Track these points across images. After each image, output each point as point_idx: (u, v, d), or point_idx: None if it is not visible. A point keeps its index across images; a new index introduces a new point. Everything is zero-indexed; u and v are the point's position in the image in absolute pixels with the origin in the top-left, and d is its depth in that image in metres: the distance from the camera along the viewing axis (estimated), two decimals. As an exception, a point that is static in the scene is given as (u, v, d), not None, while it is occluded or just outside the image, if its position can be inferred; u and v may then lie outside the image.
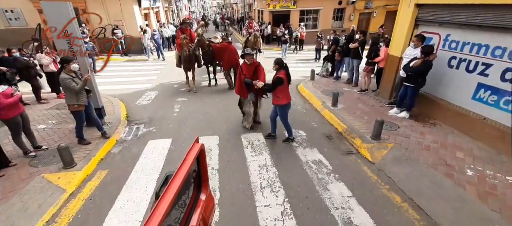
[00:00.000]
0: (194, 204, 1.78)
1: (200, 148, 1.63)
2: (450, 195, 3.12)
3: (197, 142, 1.65)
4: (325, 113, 5.87)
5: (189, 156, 1.51)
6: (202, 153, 1.73)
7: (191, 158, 1.49)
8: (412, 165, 3.75)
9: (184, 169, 1.36)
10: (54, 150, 4.28)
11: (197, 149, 1.60)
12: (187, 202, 1.66)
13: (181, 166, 1.38)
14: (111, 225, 2.92)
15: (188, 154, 1.53)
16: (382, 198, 3.25)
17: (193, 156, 1.52)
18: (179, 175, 1.30)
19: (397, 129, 4.84)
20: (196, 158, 1.58)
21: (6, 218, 2.91)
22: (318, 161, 4.09)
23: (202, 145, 1.67)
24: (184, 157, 1.48)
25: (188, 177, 1.41)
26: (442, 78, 4.92)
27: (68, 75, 3.93)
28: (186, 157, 1.48)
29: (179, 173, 1.31)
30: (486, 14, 3.99)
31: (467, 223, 2.70)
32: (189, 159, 1.48)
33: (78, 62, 4.42)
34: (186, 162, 1.43)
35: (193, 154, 1.54)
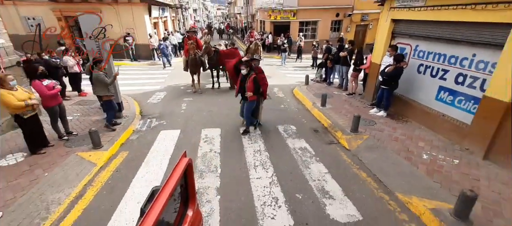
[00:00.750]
0: (181, 220, 1.69)
1: (187, 162, 1.54)
2: (405, 172, 3.89)
3: (184, 156, 1.56)
4: (314, 112, 6.68)
5: (176, 170, 1.42)
6: (190, 167, 1.62)
7: (178, 172, 1.40)
8: (381, 151, 4.52)
9: (171, 184, 1.28)
10: (82, 135, 5.14)
11: (185, 163, 1.51)
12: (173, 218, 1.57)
13: (168, 181, 1.29)
14: (135, 188, 3.71)
15: (175, 168, 1.44)
16: (352, 174, 4.03)
17: (180, 170, 1.44)
18: (165, 191, 1.22)
19: (374, 125, 5.63)
20: (183, 172, 1.48)
21: (53, 182, 3.71)
22: (303, 148, 4.88)
23: (190, 159, 1.57)
24: (171, 171, 1.39)
25: (175, 192, 1.32)
26: (413, 82, 5.74)
27: (102, 72, 4.82)
28: (173, 172, 1.39)
29: (165, 188, 1.24)
30: (444, 29, 4.84)
31: (413, 190, 3.46)
32: (176, 173, 1.39)
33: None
34: (173, 177, 1.34)
35: (181, 169, 1.45)
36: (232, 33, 31.55)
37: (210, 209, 3.29)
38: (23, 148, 4.56)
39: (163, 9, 18.57)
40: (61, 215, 3.18)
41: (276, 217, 3.16)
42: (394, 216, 3.17)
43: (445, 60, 4.93)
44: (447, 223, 2.85)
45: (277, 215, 3.19)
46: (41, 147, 4.52)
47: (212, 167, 4.24)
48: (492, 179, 3.66)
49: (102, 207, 3.36)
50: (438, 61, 5.09)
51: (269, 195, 3.56)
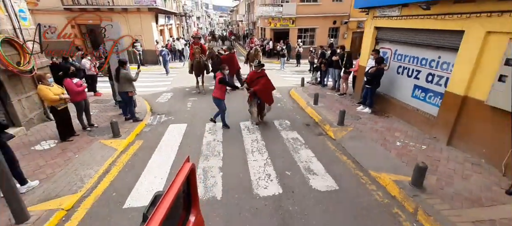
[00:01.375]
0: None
1: (190, 167, 1.55)
2: (379, 155, 4.59)
3: (187, 161, 1.57)
4: (308, 109, 7.41)
5: (179, 175, 1.43)
6: (193, 173, 1.63)
7: (181, 177, 1.41)
8: (361, 140, 5.22)
9: (174, 189, 1.28)
10: (102, 127, 5.91)
11: (188, 169, 1.52)
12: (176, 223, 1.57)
13: (171, 186, 1.30)
14: (151, 167, 4.44)
15: (179, 173, 1.44)
16: (334, 158, 4.73)
17: (183, 175, 1.44)
18: (168, 196, 1.22)
19: (358, 119, 6.34)
20: (186, 178, 1.49)
21: (82, 162, 4.45)
22: (295, 138, 5.59)
23: (193, 164, 1.58)
24: (174, 177, 1.40)
25: (177, 198, 1.33)
26: (393, 82, 6.47)
27: (126, 71, 5.63)
28: (176, 177, 1.40)
29: (168, 194, 1.24)
30: (416, 35, 5.60)
31: (383, 168, 4.15)
32: (179, 179, 1.40)
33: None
34: (176, 182, 1.35)
35: (184, 174, 1.46)
36: (234, 39, 32.59)
37: (214, 182, 4.00)
38: (53, 136, 5.33)
39: (169, 17, 19.61)
40: (93, 185, 3.91)
41: (268, 187, 3.87)
42: (365, 187, 3.86)
43: (418, 62, 5.67)
44: (405, 190, 3.53)
45: (269, 186, 3.89)
46: (69, 135, 5.28)
47: (215, 152, 4.97)
48: (451, 160, 4.35)
49: (126, 180, 4.08)
50: (413, 63, 5.83)
51: (263, 172, 4.27)
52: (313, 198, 3.62)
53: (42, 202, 3.39)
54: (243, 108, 6.87)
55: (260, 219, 3.24)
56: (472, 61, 4.18)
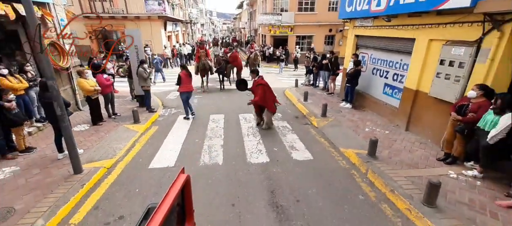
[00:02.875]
0: None
1: (185, 179, 1.49)
2: (350, 137, 5.69)
3: (182, 173, 1.51)
4: (298, 105, 8.55)
5: (174, 187, 1.36)
6: (188, 184, 1.59)
7: (175, 189, 1.34)
8: (338, 128, 6.33)
9: (167, 202, 1.22)
10: (123, 116, 7.09)
11: (183, 180, 1.46)
12: None
13: (165, 199, 1.23)
14: (166, 143, 5.58)
15: (173, 185, 1.37)
16: (314, 140, 5.84)
17: (177, 187, 1.37)
18: (162, 208, 1.17)
19: (339, 112, 7.46)
20: (181, 190, 1.42)
21: (111, 141, 5.60)
22: (284, 126, 6.72)
23: (188, 176, 1.52)
24: (168, 189, 1.33)
25: (171, 211, 1.26)
26: (370, 82, 7.60)
27: (144, 69, 6.84)
28: (170, 189, 1.33)
29: (162, 206, 1.18)
30: (385, 42, 6.76)
31: (350, 146, 5.24)
32: (173, 191, 1.33)
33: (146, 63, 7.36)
34: (170, 194, 1.28)
35: (178, 185, 1.39)
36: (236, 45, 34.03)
37: (217, 154, 5.13)
38: (86, 121, 6.53)
39: (176, 24, 21.04)
40: (123, 154, 5.05)
41: (259, 158, 4.98)
42: (334, 158, 4.96)
43: (387, 64, 6.81)
44: (362, 158, 4.63)
45: (259, 157, 5.00)
46: (99, 120, 6.47)
47: (217, 135, 6.10)
48: (404, 140, 5.44)
49: (148, 151, 5.23)
50: (383, 65, 6.97)
51: (255, 148, 5.39)
52: (293, 164, 4.73)
53: (88, 163, 4.54)
54: (243, 103, 8.04)
55: (251, 176, 4.36)
56: (421, 62, 5.32)
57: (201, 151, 5.23)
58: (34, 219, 3.14)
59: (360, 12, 7.25)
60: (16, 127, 4.66)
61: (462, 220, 3.11)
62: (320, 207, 3.55)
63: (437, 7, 4.46)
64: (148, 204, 1.47)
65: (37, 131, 5.88)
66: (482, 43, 4.04)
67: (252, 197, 3.77)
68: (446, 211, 3.26)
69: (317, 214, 3.42)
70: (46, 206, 3.37)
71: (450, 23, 4.54)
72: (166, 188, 3.45)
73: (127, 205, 3.59)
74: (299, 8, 20.06)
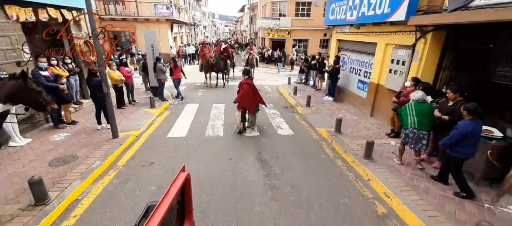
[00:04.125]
0: None
1: (186, 177, 1.50)
2: (325, 121, 7.11)
3: (183, 171, 1.52)
4: (288, 98, 9.98)
5: (174, 186, 1.37)
6: (188, 183, 1.59)
7: (175, 188, 1.36)
8: (318, 114, 7.75)
9: (167, 200, 1.24)
10: (141, 103, 8.51)
11: (183, 178, 1.47)
12: None
13: (165, 197, 1.25)
14: (179, 122, 7.00)
15: (173, 183, 1.38)
16: (297, 122, 7.26)
17: (177, 186, 1.39)
18: (161, 207, 1.18)
19: (322, 104, 8.90)
20: (181, 188, 1.44)
21: (134, 119, 7.03)
22: (275, 113, 8.14)
23: (188, 174, 1.54)
24: (168, 187, 1.34)
25: (171, 209, 1.27)
26: (348, 79, 9.04)
27: (162, 64, 8.32)
28: (170, 187, 1.34)
29: (162, 205, 1.20)
30: (358, 46, 8.20)
31: (323, 126, 6.66)
32: (173, 189, 1.34)
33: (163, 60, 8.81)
34: (170, 193, 1.30)
35: (178, 184, 1.40)
36: (237, 47, 35.57)
37: (218, 130, 6.55)
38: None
39: (181, 26, 22.56)
40: (145, 128, 6.47)
41: (251, 133, 6.38)
42: (309, 134, 6.38)
43: (360, 64, 8.26)
44: (330, 133, 6.05)
45: (252, 133, 6.41)
46: (122, 105, 7.91)
47: (219, 118, 7.53)
48: (367, 123, 6.86)
49: (164, 127, 6.66)
50: (357, 65, 8.42)
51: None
52: (277, 137, 6.15)
53: (121, 132, 5.95)
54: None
55: (244, 143, 5.78)
56: (380, 61, 6.76)
57: (206, 127, 6.66)
58: (93, 160, 4.57)
59: (339, 20, 8.72)
60: (65, 104, 6.10)
61: (387, 167, 4.53)
62: (292, 161, 4.96)
63: (387, 19, 5.91)
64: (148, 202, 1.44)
65: (75, 111, 7.31)
66: (415, 47, 5.48)
67: (244, 155, 5.18)
68: (378, 162, 4.67)
69: (290, 164, 4.84)
70: (99, 155, 4.80)
71: (397, 31, 5.99)
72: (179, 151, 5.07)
73: (155, 157, 5.01)
74: (296, 13, 21.58)
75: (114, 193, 3.85)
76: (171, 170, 4.52)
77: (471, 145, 3.47)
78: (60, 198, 3.52)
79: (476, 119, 3.42)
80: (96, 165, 4.44)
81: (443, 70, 5.28)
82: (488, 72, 4.30)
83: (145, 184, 4.10)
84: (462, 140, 3.45)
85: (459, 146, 3.53)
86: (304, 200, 3.77)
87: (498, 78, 4.13)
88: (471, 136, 3.41)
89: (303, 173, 4.53)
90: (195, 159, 4.97)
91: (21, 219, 3.10)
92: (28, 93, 3.10)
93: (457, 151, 3.57)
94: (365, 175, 4.41)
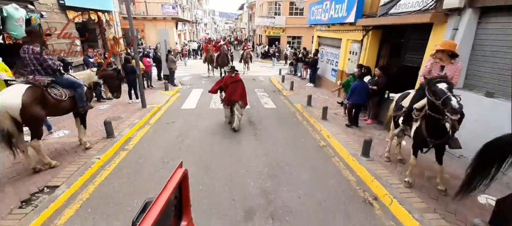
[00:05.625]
0: None
1: (183, 173, 1.50)
2: (302, 99, 9.13)
3: (180, 167, 1.51)
4: (277, 84, 12.02)
5: (171, 182, 1.37)
6: (185, 179, 1.58)
7: (172, 184, 1.36)
8: (298, 95, 9.79)
9: (164, 196, 1.24)
10: (156, 88, 10.58)
11: (180, 174, 1.46)
12: None
13: (162, 193, 1.26)
14: (188, 101, 9.06)
15: (170, 179, 1.38)
16: (281, 101, 9.31)
17: (175, 182, 1.39)
18: (158, 202, 1.19)
19: (304, 88, 10.94)
20: (178, 184, 1.44)
21: (154, 97, 9.08)
22: (263, 94, 10.19)
23: (186, 170, 1.54)
24: (166, 182, 1.34)
25: (168, 205, 1.28)
26: (325, 68, 11.07)
27: (172, 56, 10.35)
28: (167, 183, 1.34)
29: (159, 200, 1.20)
30: (331, 41, 10.21)
31: (300, 102, 8.70)
32: (171, 185, 1.35)
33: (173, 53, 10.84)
34: (167, 188, 1.31)
35: (175, 180, 1.40)
36: (237, 44, 37.51)
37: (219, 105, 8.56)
38: (134, 88, 10.04)
39: (184, 24, 24.53)
40: (164, 103, 8.53)
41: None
42: (288, 108, 8.44)
43: (332, 56, 10.29)
44: (303, 106, 8.10)
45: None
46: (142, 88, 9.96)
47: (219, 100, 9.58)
48: (332, 100, 8.90)
49: (177, 103, 8.73)
50: (331, 57, 10.45)
51: (243, 103, 8.86)
52: (263, 109, 8.21)
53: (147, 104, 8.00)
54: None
55: (238, 112, 7.83)
56: (343, 53, 8.78)
57: (210, 103, 8.72)
58: (133, 119, 6.63)
59: (318, 20, 10.73)
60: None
61: (335, 123, 6.57)
62: (272, 122, 7.02)
63: (345, 21, 7.93)
64: (145, 199, 1.42)
65: (107, 92, 9.37)
66: (363, 41, 7.50)
67: (238, 119, 7.23)
68: (330, 121, 6.73)
69: (270, 123, 6.89)
70: (136, 116, 6.86)
71: (353, 30, 8.00)
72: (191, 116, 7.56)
73: (175, 118, 7.07)
74: (290, 12, 23.52)
75: (151, 135, 5.93)
76: (187, 125, 6.59)
77: (357, 95, 5.94)
78: (120, 135, 5.58)
79: (362, 81, 5.82)
80: (136, 121, 6.50)
81: (381, 58, 7.31)
82: (402, 58, 6.32)
83: (170, 132, 6.16)
84: (352, 93, 5.94)
85: (352, 96, 5.93)
86: (276, 141, 5.81)
87: (406, 62, 6.16)
88: (357, 89, 5.88)
89: (277, 128, 6.58)
90: (203, 119, 7.04)
91: (102, 143, 5.17)
92: (115, 79, 5.25)
93: (352, 99, 5.97)
94: (319, 128, 6.46)
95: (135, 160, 4.77)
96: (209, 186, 3.97)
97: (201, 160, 4.79)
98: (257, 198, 3.72)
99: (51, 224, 3.15)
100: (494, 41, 4.11)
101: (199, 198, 3.63)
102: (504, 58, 3.98)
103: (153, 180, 4.10)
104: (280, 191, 3.90)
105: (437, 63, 3.45)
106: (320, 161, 4.92)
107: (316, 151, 5.35)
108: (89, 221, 3.21)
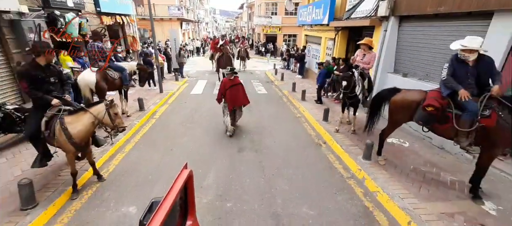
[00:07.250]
0: None
1: (188, 174, 1.55)
2: (289, 87, 11.07)
3: (185, 168, 1.57)
4: (271, 77, 13.95)
5: (177, 182, 1.42)
6: (190, 179, 1.64)
7: (179, 184, 1.41)
8: (286, 84, 11.69)
9: (171, 197, 1.28)
10: (167, 79, 12.55)
11: (186, 175, 1.52)
12: None
13: (169, 193, 1.30)
14: (195, 88, 11.02)
15: (176, 180, 1.43)
16: (271, 89, 11.26)
17: (181, 182, 1.44)
18: (166, 203, 1.23)
19: (292, 79, 12.85)
20: (184, 184, 1.49)
21: (168, 86, 11.04)
22: (259, 84, 12.12)
23: (191, 171, 1.60)
24: (172, 183, 1.40)
25: (175, 205, 1.33)
26: (311, 62, 12.99)
27: (182, 53, 12.32)
28: (173, 184, 1.40)
29: (166, 201, 1.24)
30: (315, 39, 12.11)
31: (288, 89, 10.63)
32: (177, 185, 1.40)
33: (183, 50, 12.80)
34: (173, 189, 1.35)
35: (181, 180, 1.46)
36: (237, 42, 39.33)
37: (221, 92, 10.55)
38: (150, 79, 12.02)
39: (188, 24, 26.44)
40: (176, 90, 10.49)
41: (241, 93, 10.41)
42: (277, 93, 10.37)
43: (316, 51, 12.20)
44: (290, 92, 10.04)
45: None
46: (157, 79, 11.96)
47: (221, 86, 11.54)
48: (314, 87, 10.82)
49: (187, 90, 10.70)
50: (315, 52, 12.36)
51: (240, 90, 10.82)
52: (256, 94, 10.15)
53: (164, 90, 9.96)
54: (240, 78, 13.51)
55: (236, 97, 9.80)
56: (323, 48, 10.69)
57: (213, 90, 10.67)
58: (155, 100, 8.60)
59: (304, 21, 12.64)
60: (129, 75, 10.16)
61: (311, 103, 8.51)
62: (262, 102, 8.96)
63: (322, 22, 9.84)
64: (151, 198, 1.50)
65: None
66: (335, 39, 9.41)
67: (236, 101, 9.19)
68: (307, 101, 8.66)
69: (261, 103, 8.83)
70: (157, 98, 8.84)
71: (328, 30, 9.91)
72: (198, 99, 10.40)
73: (187, 100, 9.06)
74: (286, 13, 25.32)
75: (171, 110, 7.91)
76: (195, 104, 8.56)
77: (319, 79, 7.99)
78: (148, 110, 7.56)
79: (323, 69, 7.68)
80: (157, 101, 8.48)
81: (349, 52, 9.23)
82: (361, 52, 8.23)
83: (184, 108, 8.13)
84: (319, 76, 7.85)
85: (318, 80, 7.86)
86: (264, 114, 7.76)
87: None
88: (321, 75, 7.90)
89: (267, 107, 8.53)
90: (208, 101, 9.00)
91: (135, 114, 7.14)
92: (146, 73, 7.26)
93: (318, 81, 7.96)
94: (297, 105, 8.41)
95: (163, 123, 6.76)
96: (216, 135, 5.95)
97: (210, 123, 6.76)
98: (247, 142, 5.70)
99: (128, 143, 5.20)
100: (409, 39, 6.02)
101: (209, 141, 5.62)
102: (414, 51, 5.89)
103: (176, 132, 6.11)
104: (262, 139, 5.87)
105: (361, 52, 5.38)
106: (294, 124, 6.88)
107: (292, 120, 7.31)
108: (142, 146, 5.21)
